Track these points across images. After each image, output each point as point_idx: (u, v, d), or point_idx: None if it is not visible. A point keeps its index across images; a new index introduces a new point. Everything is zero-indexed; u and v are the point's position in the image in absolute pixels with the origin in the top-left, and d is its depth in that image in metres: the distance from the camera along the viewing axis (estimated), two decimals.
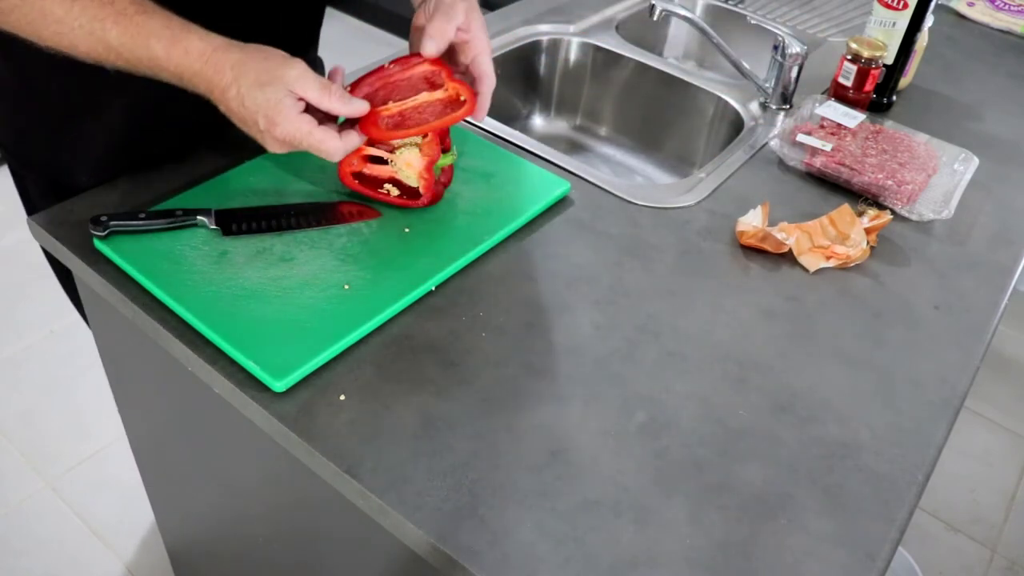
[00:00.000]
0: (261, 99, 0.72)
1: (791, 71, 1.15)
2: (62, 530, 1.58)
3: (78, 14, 0.69)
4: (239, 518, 0.97)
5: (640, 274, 0.86)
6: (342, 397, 0.71)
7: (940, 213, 0.96)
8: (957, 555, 1.67)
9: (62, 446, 1.73)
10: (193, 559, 1.27)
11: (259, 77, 0.72)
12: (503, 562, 0.60)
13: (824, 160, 1.02)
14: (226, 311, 0.75)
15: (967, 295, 0.89)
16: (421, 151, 0.85)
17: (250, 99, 0.72)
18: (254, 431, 0.74)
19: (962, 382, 0.79)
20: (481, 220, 0.89)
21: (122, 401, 1.08)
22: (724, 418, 0.72)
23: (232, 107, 0.73)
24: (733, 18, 1.48)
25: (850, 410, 0.74)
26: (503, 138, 1.06)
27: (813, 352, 0.80)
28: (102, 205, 0.87)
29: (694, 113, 1.27)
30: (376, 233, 0.86)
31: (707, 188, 1.00)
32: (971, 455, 1.87)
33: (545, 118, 1.41)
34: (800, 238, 0.90)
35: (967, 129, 1.18)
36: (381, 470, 0.65)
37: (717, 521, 0.64)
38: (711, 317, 0.82)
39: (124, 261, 0.79)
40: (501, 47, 1.28)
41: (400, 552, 0.67)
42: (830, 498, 0.67)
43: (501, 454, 0.67)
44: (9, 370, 1.88)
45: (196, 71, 0.72)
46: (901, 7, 1.14)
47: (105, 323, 0.94)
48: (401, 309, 0.79)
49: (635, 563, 0.61)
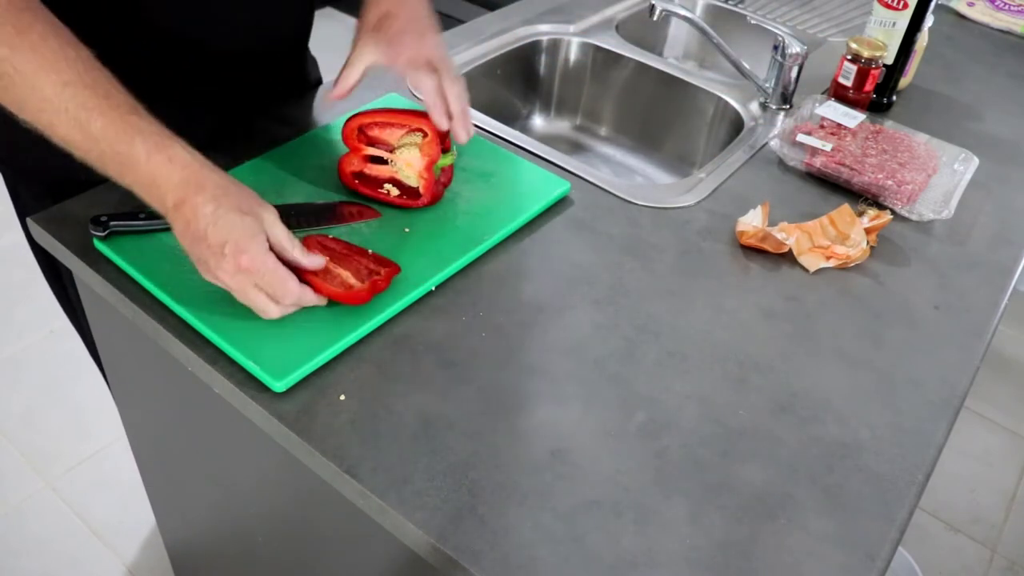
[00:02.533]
0: (238, 225, 0.69)
1: (791, 71, 1.15)
2: (62, 530, 1.58)
3: (68, 99, 0.67)
4: (239, 518, 0.97)
5: (640, 274, 0.86)
6: (342, 397, 0.71)
7: (940, 213, 0.96)
8: (957, 555, 1.67)
9: (62, 446, 1.73)
10: (193, 559, 1.27)
11: (240, 205, 0.70)
12: (503, 562, 0.60)
13: (824, 160, 1.02)
14: (226, 311, 0.75)
15: (967, 295, 0.89)
16: (421, 151, 0.85)
17: (225, 222, 0.69)
18: (254, 431, 0.74)
19: (962, 382, 0.79)
20: (481, 220, 0.89)
21: (122, 401, 1.08)
22: (724, 418, 0.72)
23: (199, 224, 0.69)
24: (733, 18, 1.48)
25: (850, 410, 0.74)
26: (503, 138, 1.06)
27: (813, 352, 0.80)
28: (102, 205, 0.87)
29: (694, 113, 1.27)
30: (376, 233, 0.86)
31: (707, 188, 1.00)
32: (971, 455, 1.87)
33: (545, 118, 1.41)
34: (800, 238, 0.90)
35: (967, 129, 1.18)
36: (381, 470, 0.65)
37: (717, 521, 0.64)
38: (711, 317, 0.82)
39: (124, 261, 0.79)
40: (501, 47, 1.28)
41: (400, 552, 0.67)
42: (830, 498, 0.67)
43: (501, 454, 0.67)
44: (9, 370, 1.88)
45: (175, 180, 0.69)
46: (901, 7, 1.14)
47: (105, 323, 0.94)
48: (401, 309, 0.79)
49: (635, 563, 0.61)
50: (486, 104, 1.21)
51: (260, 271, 0.70)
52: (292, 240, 0.73)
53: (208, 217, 0.69)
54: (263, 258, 0.70)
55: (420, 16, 0.86)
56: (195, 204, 0.69)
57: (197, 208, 0.69)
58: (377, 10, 0.86)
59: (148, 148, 0.69)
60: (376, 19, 0.86)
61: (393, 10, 0.85)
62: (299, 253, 0.73)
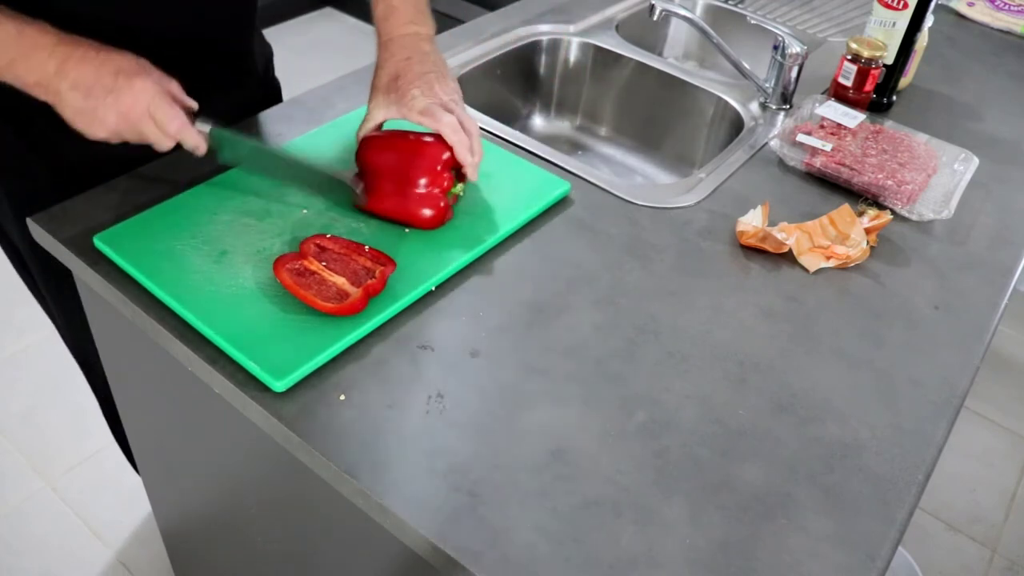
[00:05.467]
0: (130, 61, 0.76)
1: (791, 71, 1.15)
2: (62, 530, 1.58)
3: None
4: (239, 518, 0.97)
5: (640, 274, 0.86)
6: (342, 397, 0.71)
7: (940, 213, 0.96)
8: (957, 555, 1.67)
9: (62, 446, 1.73)
10: (192, 558, 1.27)
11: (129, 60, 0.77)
12: (503, 562, 0.60)
13: (824, 160, 1.02)
14: (226, 311, 0.75)
15: (967, 295, 0.89)
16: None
17: (114, 57, 0.76)
18: (254, 431, 0.74)
19: (962, 382, 0.79)
20: (481, 220, 0.89)
21: (122, 401, 1.08)
22: (724, 418, 0.72)
23: (87, 59, 0.75)
24: (733, 18, 1.48)
25: (850, 410, 0.74)
26: (503, 138, 1.06)
27: (813, 352, 0.80)
28: (102, 205, 0.87)
29: (694, 113, 1.27)
30: (376, 233, 0.86)
31: (707, 188, 1.00)
32: (971, 455, 1.87)
33: (545, 118, 1.41)
34: (800, 238, 0.90)
35: (967, 129, 1.18)
36: (381, 470, 0.65)
37: (717, 521, 0.64)
38: (711, 317, 0.82)
39: (124, 261, 0.79)
40: (501, 47, 1.28)
41: (400, 552, 0.67)
42: (830, 498, 0.67)
43: (501, 454, 0.67)
44: (9, 370, 1.88)
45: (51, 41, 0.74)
46: (901, 7, 1.14)
47: (105, 323, 0.94)
48: (401, 309, 0.79)
49: (635, 563, 0.61)
50: (486, 104, 1.21)
51: (154, 101, 0.77)
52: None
53: (91, 54, 0.75)
54: (155, 89, 0.77)
55: (428, 71, 0.88)
56: (80, 56, 0.74)
57: (82, 59, 0.74)
58: (386, 72, 0.89)
59: (18, 24, 0.74)
60: (386, 81, 0.88)
61: (402, 71, 0.88)
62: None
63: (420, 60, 0.88)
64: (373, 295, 0.77)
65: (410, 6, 0.92)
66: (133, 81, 0.76)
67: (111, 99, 0.76)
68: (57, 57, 0.74)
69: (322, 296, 0.75)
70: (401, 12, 0.91)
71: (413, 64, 0.88)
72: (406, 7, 0.91)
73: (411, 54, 0.89)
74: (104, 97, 0.75)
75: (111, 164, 0.92)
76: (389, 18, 0.91)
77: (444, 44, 1.25)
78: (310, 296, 0.75)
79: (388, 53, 0.89)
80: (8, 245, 1.07)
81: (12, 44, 0.74)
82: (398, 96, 0.87)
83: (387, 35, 0.91)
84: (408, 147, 0.86)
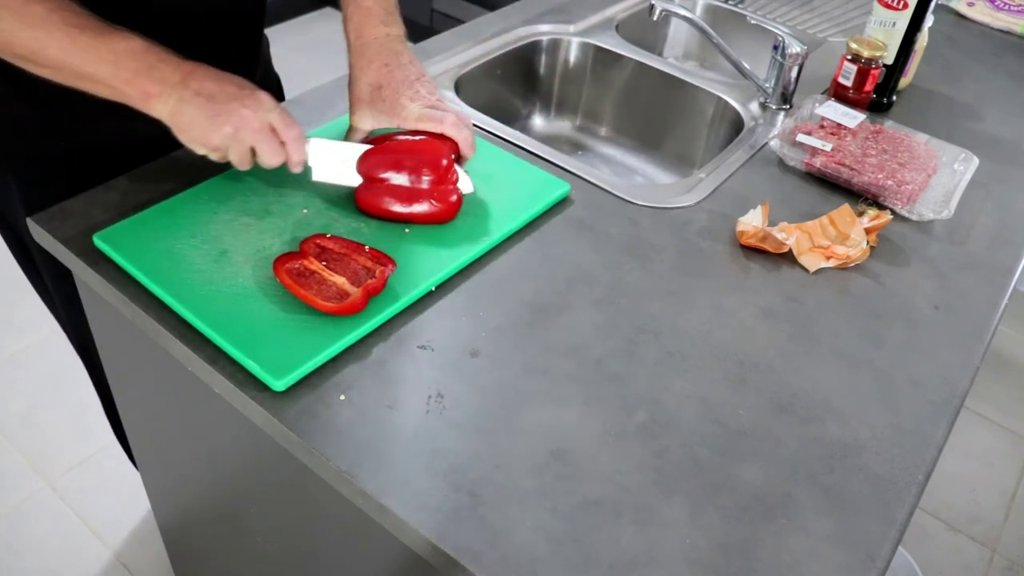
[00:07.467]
0: (246, 81, 0.79)
1: (791, 71, 1.15)
2: (62, 530, 1.58)
3: (57, 20, 0.73)
4: (238, 518, 0.97)
5: (640, 274, 0.86)
6: (342, 397, 0.71)
7: (940, 213, 0.96)
8: (957, 555, 1.67)
9: (62, 446, 1.73)
10: (192, 558, 1.27)
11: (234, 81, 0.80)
12: (503, 562, 0.60)
13: (824, 160, 1.02)
14: (226, 311, 0.75)
15: (967, 295, 0.89)
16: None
17: (234, 76, 0.78)
18: (254, 431, 0.74)
19: (962, 382, 0.79)
20: (481, 220, 0.89)
21: (122, 401, 1.08)
22: (724, 418, 0.72)
23: (210, 73, 0.78)
24: (733, 18, 1.48)
25: (850, 410, 0.74)
26: (503, 138, 1.06)
27: (813, 352, 0.80)
28: (102, 204, 0.87)
29: (694, 113, 1.27)
30: (376, 233, 0.86)
31: (707, 188, 1.00)
32: (971, 455, 1.87)
33: (545, 118, 1.41)
34: (800, 238, 0.90)
35: (967, 129, 1.18)
36: (381, 470, 0.65)
37: (717, 521, 0.64)
38: (711, 317, 0.82)
39: (124, 260, 0.79)
40: (501, 47, 1.28)
41: (400, 552, 0.67)
42: (830, 498, 0.67)
43: (501, 454, 0.67)
44: (9, 370, 1.88)
45: (175, 60, 0.77)
46: (901, 7, 1.14)
47: (105, 323, 0.94)
48: (401, 309, 0.79)
49: (635, 563, 0.61)
50: (486, 104, 1.21)
51: (274, 115, 0.79)
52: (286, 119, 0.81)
53: (217, 74, 0.78)
54: (277, 113, 0.79)
55: (409, 76, 0.88)
56: (204, 71, 0.77)
57: (206, 73, 0.77)
58: (366, 82, 0.89)
59: (144, 42, 0.76)
60: (368, 92, 0.88)
61: (384, 81, 0.88)
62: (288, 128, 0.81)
63: (398, 65, 0.89)
64: (373, 295, 0.77)
65: (380, 7, 0.92)
66: (257, 92, 0.79)
67: (235, 105, 0.77)
68: (183, 70, 0.76)
69: (322, 296, 0.75)
70: (372, 13, 0.91)
71: (393, 71, 0.88)
72: (377, 8, 0.91)
73: (388, 60, 0.89)
74: (228, 103, 0.77)
75: (122, 150, 0.92)
76: (359, 20, 0.91)
77: (444, 44, 1.25)
78: (310, 296, 0.75)
79: (364, 60, 0.89)
80: (14, 238, 1.07)
81: (141, 56, 0.76)
82: (387, 107, 0.87)
83: (359, 38, 0.90)
84: (413, 148, 0.87)
